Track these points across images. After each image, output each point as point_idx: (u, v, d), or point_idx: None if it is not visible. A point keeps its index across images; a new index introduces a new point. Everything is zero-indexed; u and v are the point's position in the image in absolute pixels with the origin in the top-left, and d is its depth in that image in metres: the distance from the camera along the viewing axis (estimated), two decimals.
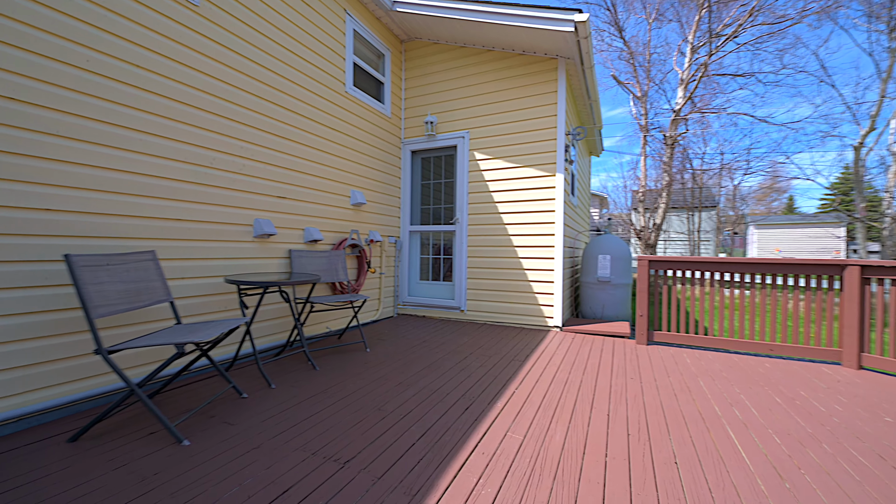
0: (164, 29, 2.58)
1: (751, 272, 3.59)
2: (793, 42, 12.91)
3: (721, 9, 9.48)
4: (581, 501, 1.49)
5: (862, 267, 3.12)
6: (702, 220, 15.29)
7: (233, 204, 3.06)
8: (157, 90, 2.54)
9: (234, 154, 3.06)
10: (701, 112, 10.50)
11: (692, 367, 3.21)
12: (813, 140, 23.67)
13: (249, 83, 3.19)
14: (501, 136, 4.86)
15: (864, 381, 2.90)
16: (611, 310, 5.03)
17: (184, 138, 2.71)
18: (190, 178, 2.75)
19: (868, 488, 1.59)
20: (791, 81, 28.86)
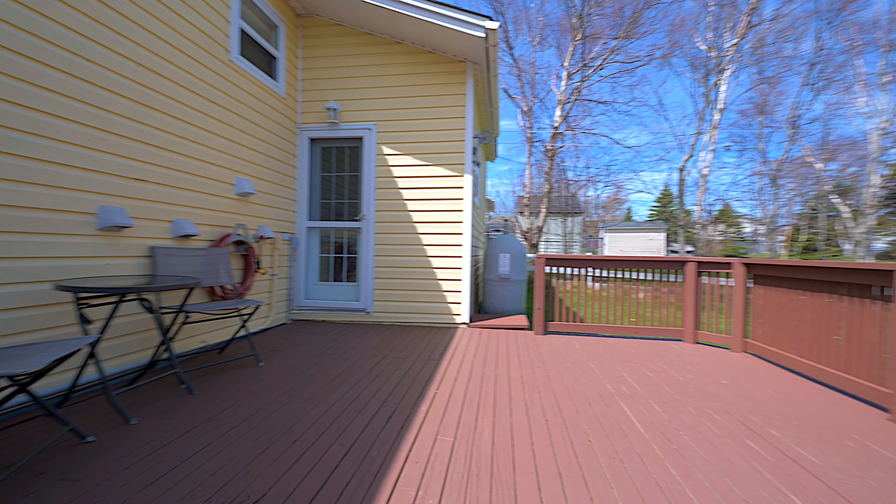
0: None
1: (623, 268, 4.24)
2: (640, 79, 15.94)
3: (590, 43, 11.14)
4: (520, 493, 1.50)
5: (697, 262, 3.97)
6: (574, 225, 17.80)
7: (70, 185, 2.29)
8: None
9: (75, 120, 2.30)
10: (573, 130, 12.17)
11: (582, 352, 3.63)
12: (652, 161, 29.66)
13: (100, 32, 2.44)
14: (411, 133, 4.76)
15: (700, 352, 3.68)
16: (511, 304, 5.39)
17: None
18: (5, 146, 1.95)
19: (728, 441, 1.98)
20: (638, 112, 35.61)
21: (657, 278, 4.19)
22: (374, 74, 4.84)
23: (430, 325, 4.70)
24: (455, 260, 4.67)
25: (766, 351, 3.35)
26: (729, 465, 1.74)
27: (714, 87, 11.16)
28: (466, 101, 4.67)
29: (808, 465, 1.74)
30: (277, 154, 4.50)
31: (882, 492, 1.55)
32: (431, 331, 4.41)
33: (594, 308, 4.36)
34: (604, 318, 4.29)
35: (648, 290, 4.27)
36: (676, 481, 1.61)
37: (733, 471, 1.69)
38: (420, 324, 4.72)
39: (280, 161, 4.56)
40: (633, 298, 4.29)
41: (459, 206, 4.68)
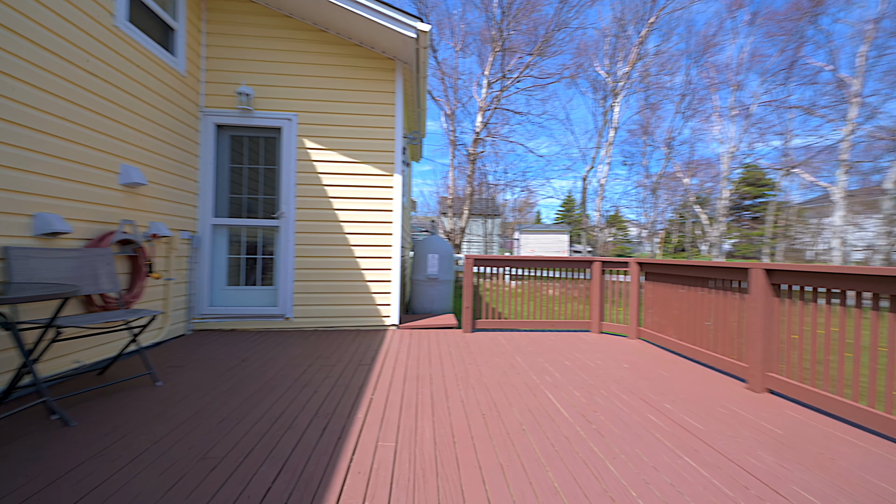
0: None
1: (542, 267, 4.59)
2: (551, 94, 17.43)
3: (508, 55, 11.86)
4: (466, 489, 1.53)
5: (602, 262, 4.50)
6: (494, 226, 18.75)
7: None
8: None
9: None
10: (493, 137, 12.83)
11: (508, 347, 3.85)
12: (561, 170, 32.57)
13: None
14: (338, 128, 4.54)
15: (605, 341, 4.17)
16: (439, 304, 5.47)
17: None
18: None
19: (635, 416, 2.28)
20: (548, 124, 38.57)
21: (570, 276, 4.63)
22: (296, 62, 4.50)
23: (358, 328, 4.54)
24: (385, 261, 4.58)
25: (655, 336, 3.94)
26: (637, 437, 2.00)
27: (610, 108, 12.83)
28: (396, 100, 4.61)
29: (695, 431, 2.09)
30: (175, 140, 3.92)
31: (748, 446, 1.93)
32: (360, 334, 4.26)
33: (516, 305, 4.65)
34: (525, 314, 4.60)
35: (562, 287, 4.70)
36: (599, 457, 1.80)
37: (641, 442, 1.95)
38: (347, 328, 4.52)
39: (179, 148, 3.98)
40: (549, 295, 4.67)
41: (389, 206, 4.60)
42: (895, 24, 11.35)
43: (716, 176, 17.16)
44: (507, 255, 4.59)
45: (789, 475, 1.67)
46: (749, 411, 2.36)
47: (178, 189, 3.97)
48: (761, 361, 2.66)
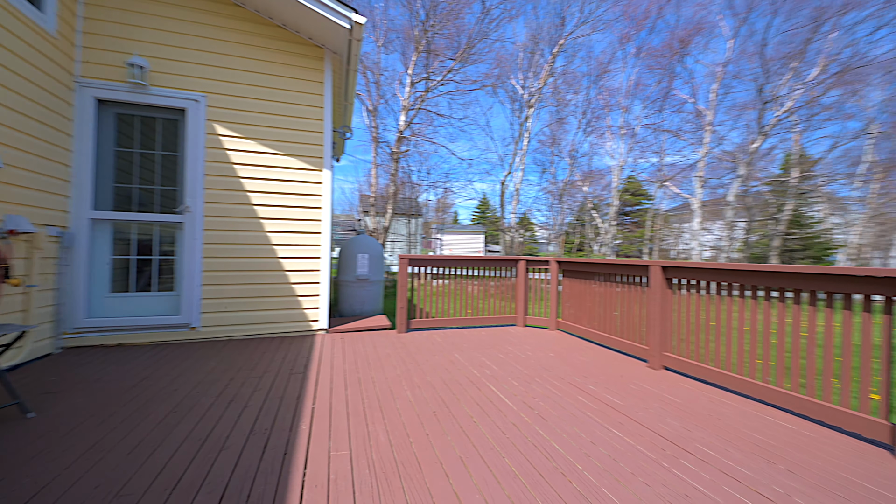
0: None
1: (472, 266, 4.78)
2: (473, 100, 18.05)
3: (433, 58, 12.01)
4: (432, 486, 1.54)
5: (526, 260, 4.86)
6: (418, 226, 18.76)
7: None
8: None
9: None
10: (416, 137, 12.88)
11: (445, 344, 3.93)
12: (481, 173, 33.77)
13: None
14: (258, 115, 4.12)
15: (531, 333, 4.52)
16: (369, 305, 5.32)
17: None
18: None
19: (567, 399, 2.52)
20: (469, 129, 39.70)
21: (498, 274, 4.91)
22: (207, 36, 3.97)
23: (282, 335, 4.19)
24: (313, 262, 4.30)
25: (572, 327, 4.40)
26: (573, 417, 2.23)
27: (525, 119, 13.90)
28: (325, 91, 4.37)
29: (617, 406, 2.40)
30: (40, 113, 3.17)
31: (658, 415, 2.28)
32: (284, 341, 3.94)
33: (448, 303, 4.76)
34: (457, 312, 4.74)
35: (491, 285, 4.96)
36: (545, 439, 1.96)
37: (577, 421, 2.18)
38: (269, 335, 4.14)
39: (44, 124, 3.23)
40: (478, 293, 4.89)
41: (318, 203, 4.33)
42: (737, 68, 14.47)
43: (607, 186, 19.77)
44: (442, 255, 4.69)
45: (692, 435, 2.03)
46: (653, 386, 2.79)
47: (43, 175, 3.21)
48: (658, 343, 3.16)
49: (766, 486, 1.59)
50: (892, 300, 1.89)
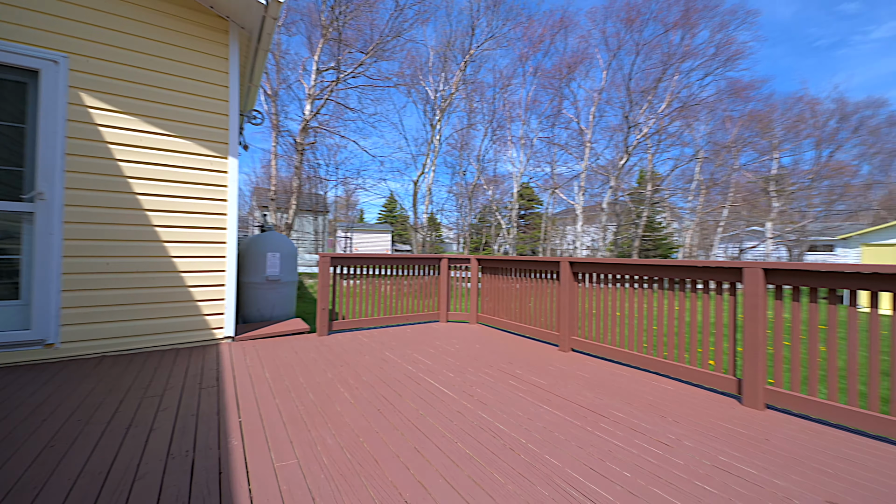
0: None
1: (394, 265, 4.78)
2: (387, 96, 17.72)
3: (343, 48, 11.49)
4: (393, 478, 1.55)
5: (449, 259, 5.05)
6: (325, 223, 17.67)
7: None
8: None
9: None
10: (324, 129, 12.18)
11: (372, 343, 3.86)
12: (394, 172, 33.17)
13: None
14: (144, 88, 3.47)
15: (455, 328, 4.71)
16: (280, 309, 4.90)
17: None
18: None
19: (500, 384, 2.73)
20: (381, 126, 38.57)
21: (421, 272, 4.99)
22: None
23: (178, 346, 3.61)
24: (216, 261, 3.80)
25: (492, 320, 4.73)
26: (509, 399, 2.44)
27: (439, 122, 14.29)
28: (231, 68, 3.89)
29: (542, 386, 2.70)
30: None
31: (577, 390, 2.64)
32: (182, 354, 3.41)
33: (371, 303, 4.67)
34: (381, 311, 4.68)
35: (414, 283, 5.02)
36: (489, 421, 2.11)
37: (513, 402, 2.39)
38: (158, 347, 3.53)
39: None
40: (402, 291, 4.91)
41: (222, 195, 3.84)
42: (609, 96, 17.15)
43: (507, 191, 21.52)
44: (366, 254, 4.59)
45: (603, 402, 2.41)
46: (567, 366, 3.19)
47: None
48: (567, 329, 3.63)
49: (663, 435, 1.99)
50: (735, 286, 2.52)
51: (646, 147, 17.01)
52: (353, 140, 13.13)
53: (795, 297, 2.26)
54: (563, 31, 17.08)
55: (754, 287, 2.34)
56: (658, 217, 19.72)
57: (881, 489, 1.54)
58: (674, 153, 20.78)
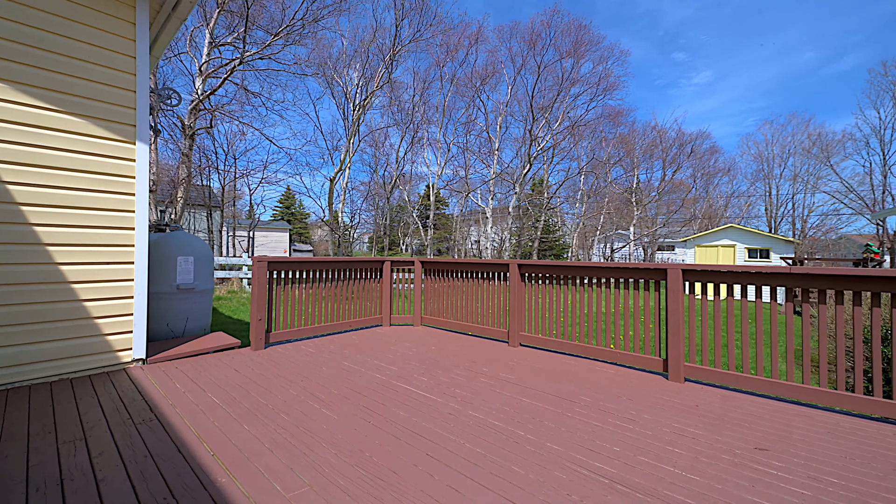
0: None
1: (340, 268, 4.53)
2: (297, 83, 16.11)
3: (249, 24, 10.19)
4: (422, 486, 1.55)
5: (392, 262, 4.98)
6: (223, 221, 15.33)
7: None
8: None
9: None
10: (223, 113, 10.68)
11: (322, 354, 3.62)
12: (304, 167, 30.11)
13: None
14: (22, 48, 2.67)
15: (401, 332, 4.67)
16: (196, 322, 4.21)
17: None
18: None
19: (475, 382, 2.85)
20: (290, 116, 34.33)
21: (363, 276, 4.82)
22: None
23: (70, 376, 2.86)
24: (120, 269, 3.12)
25: (437, 321, 4.82)
26: (489, 396, 2.58)
27: (358, 118, 13.63)
28: (139, 35, 3.23)
29: (512, 380, 2.90)
30: None
31: (541, 381, 2.91)
32: (79, 385, 2.72)
33: (310, 310, 4.34)
34: (320, 318, 4.38)
35: (356, 287, 4.82)
36: (481, 418, 2.22)
37: (493, 398, 2.54)
38: (41, 380, 2.75)
39: None
40: (341, 296, 4.68)
41: (128, 189, 3.17)
42: (512, 110, 18.76)
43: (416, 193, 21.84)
44: (306, 258, 4.25)
45: (568, 390, 2.72)
46: (524, 360, 3.48)
47: None
48: (517, 326, 3.94)
49: (625, 412, 2.36)
50: (659, 283, 3.10)
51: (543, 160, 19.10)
52: (258, 129, 11.74)
53: (704, 291, 2.90)
54: (476, 44, 18.06)
55: (675, 283, 2.91)
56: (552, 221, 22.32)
57: (787, 434, 2.11)
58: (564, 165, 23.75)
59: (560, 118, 18.23)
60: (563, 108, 18.48)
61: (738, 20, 52.89)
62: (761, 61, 58.12)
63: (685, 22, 53.56)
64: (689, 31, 47.56)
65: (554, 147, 19.00)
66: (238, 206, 30.11)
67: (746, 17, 52.69)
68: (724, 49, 54.87)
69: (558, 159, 20.63)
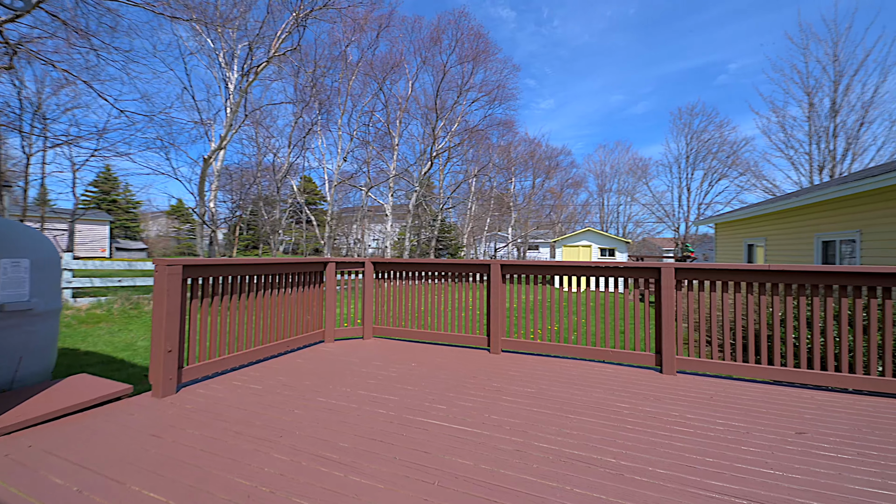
0: None
1: (273, 272, 3.49)
2: (164, 28, 11.83)
3: None
4: None
5: (336, 263, 4.12)
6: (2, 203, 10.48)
7: None
8: None
9: None
10: (34, 54, 7.38)
11: (273, 389, 2.68)
12: (154, 141, 22.81)
13: None
14: None
15: (353, 347, 3.88)
16: (35, 364, 2.66)
17: None
18: None
19: (502, 405, 2.46)
20: (139, 70, 25.41)
21: (302, 281, 3.85)
22: None
23: None
24: None
25: (394, 331, 4.17)
26: (527, 417, 2.23)
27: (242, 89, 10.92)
28: None
29: (530, 392, 2.61)
30: None
31: (558, 390, 2.69)
32: None
33: (233, 331, 3.23)
34: (249, 340, 3.30)
35: (291, 296, 3.81)
36: (554, 450, 1.87)
37: (531, 418, 2.20)
38: None
39: None
40: (273, 306, 3.65)
41: None
42: (410, 105, 18.42)
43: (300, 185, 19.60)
44: (230, 260, 3.14)
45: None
46: (520, 368, 3.22)
47: None
48: (500, 331, 3.66)
49: (608, 403, 2.32)
50: (648, 281, 3.23)
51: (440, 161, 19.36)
52: (86, 81, 8.40)
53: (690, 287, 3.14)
54: (387, 27, 16.91)
55: (669, 281, 3.08)
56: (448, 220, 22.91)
57: (778, 411, 2.35)
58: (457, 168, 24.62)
59: (457, 120, 18.79)
60: (462, 110, 19.11)
61: (571, 61, 64.13)
62: (587, 95, 71.62)
63: (535, 54, 62.47)
64: (537, 62, 55.78)
65: (450, 149, 19.51)
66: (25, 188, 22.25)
67: (577, 59, 64.31)
68: (561, 83, 65.92)
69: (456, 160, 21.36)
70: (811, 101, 20.49)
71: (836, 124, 19.82)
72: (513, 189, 29.15)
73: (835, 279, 2.72)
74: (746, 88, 57.44)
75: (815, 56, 20.34)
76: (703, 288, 3.06)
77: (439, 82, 18.08)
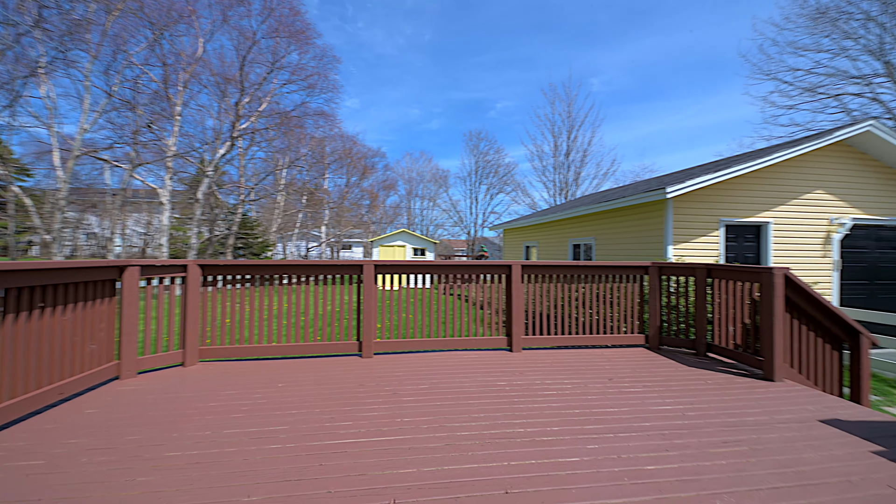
0: None
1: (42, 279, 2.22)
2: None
3: None
4: None
5: (141, 266, 2.96)
6: None
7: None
8: None
9: None
10: None
11: (68, 464, 1.74)
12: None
13: None
14: None
15: (150, 380, 2.90)
16: None
17: None
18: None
19: (253, 427, 2.39)
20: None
21: (83, 296, 2.59)
22: None
23: None
24: None
25: (231, 351, 3.36)
26: (350, 410, 2.29)
27: None
28: None
29: (351, 388, 2.66)
30: None
31: (375, 380, 2.84)
32: None
33: None
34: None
35: (67, 316, 2.49)
36: (373, 441, 2.01)
37: (360, 408, 2.29)
38: None
39: None
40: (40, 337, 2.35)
41: None
42: (209, 70, 14.77)
43: None
44: (40, 262, 1.84)
45: (410, 388, 2.85)
46: (377, 369, 3.18)
47: None
48: (371, 335, 3.51)
49: (490, 383, 2.81)
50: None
51: (240, 147, 16.41)
52: None
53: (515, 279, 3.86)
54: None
55: (517, 275, 3.70)
56: (252, 215, 19.60)
57: (592, 367, 3.25)
58: (265, 155, 21.45)
59: (266, 100, 16.30)
60: (273, 90, 16.69)
61: (375, 66, 65.73)
62: (389, 104, 74.66)
63: (340, 50, 61.21)
64: (344, 58, 54.58)
65: (254, 133, 16.73)
66: None
67: (380, 67, 66.46)
68: (365, 84, 65.92)
69: (262, 146, 18.43)
70: (556, 143, 28.60)
71: (569, 161, 28.33)
72: (326, 185, 27.92)
73: (587, 270, 3.94)
74: (514, 124, 72.70)
75: (558, 110, 28.63)
76: (532, 280, 3.86)
77: (246, 52, 15.37)
